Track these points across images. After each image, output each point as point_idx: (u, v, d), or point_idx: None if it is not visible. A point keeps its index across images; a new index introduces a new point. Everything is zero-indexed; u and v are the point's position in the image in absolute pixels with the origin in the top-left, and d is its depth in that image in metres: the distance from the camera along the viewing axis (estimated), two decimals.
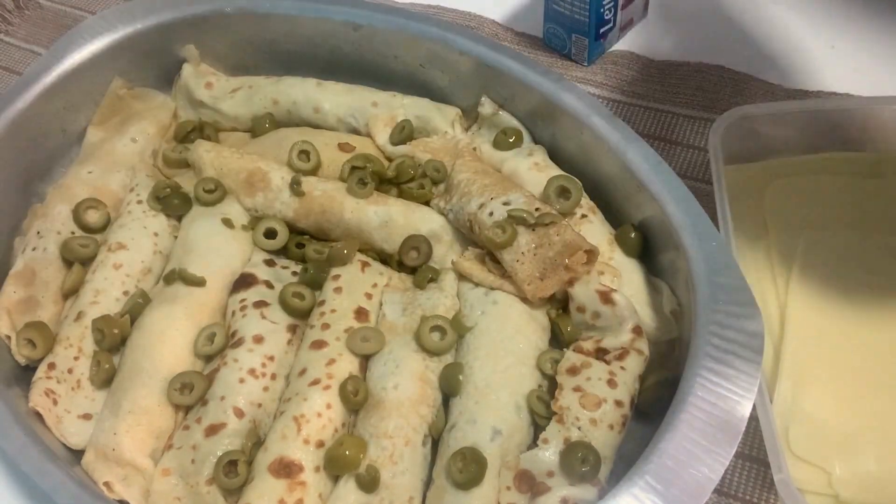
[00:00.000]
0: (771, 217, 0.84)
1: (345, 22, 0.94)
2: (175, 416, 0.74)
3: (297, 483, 0.67)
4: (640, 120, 0.99)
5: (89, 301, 0.80)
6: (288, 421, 0.70)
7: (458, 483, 0.66)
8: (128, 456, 0.70)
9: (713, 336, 0.66)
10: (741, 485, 0.73)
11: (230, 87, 0.98)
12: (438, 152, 0.88)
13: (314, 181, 0.85)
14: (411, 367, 0.73)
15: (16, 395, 0.75)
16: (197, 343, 0.77)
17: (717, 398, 0.63)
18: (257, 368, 0.74)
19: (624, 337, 0.72)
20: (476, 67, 0.89)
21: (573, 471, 0.65)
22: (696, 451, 0.61)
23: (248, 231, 0.85)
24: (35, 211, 0.89)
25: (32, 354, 0.77)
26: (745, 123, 0.84)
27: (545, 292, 0.75)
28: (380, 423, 0.70)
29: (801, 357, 0.74)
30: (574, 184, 0.81)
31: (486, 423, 0.69)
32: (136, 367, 0.74)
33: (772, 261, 0.81)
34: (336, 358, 0.74)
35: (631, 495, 0.59)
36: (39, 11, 1.19)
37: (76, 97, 0.94)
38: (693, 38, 1.07)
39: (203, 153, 0.88)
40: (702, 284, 0.69)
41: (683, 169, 0.94)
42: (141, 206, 0.87)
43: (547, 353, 0.74)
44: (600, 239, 0.79)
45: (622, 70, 1.04)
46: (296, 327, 0.78)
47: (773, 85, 1.00)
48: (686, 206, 0.74)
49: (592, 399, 0.68)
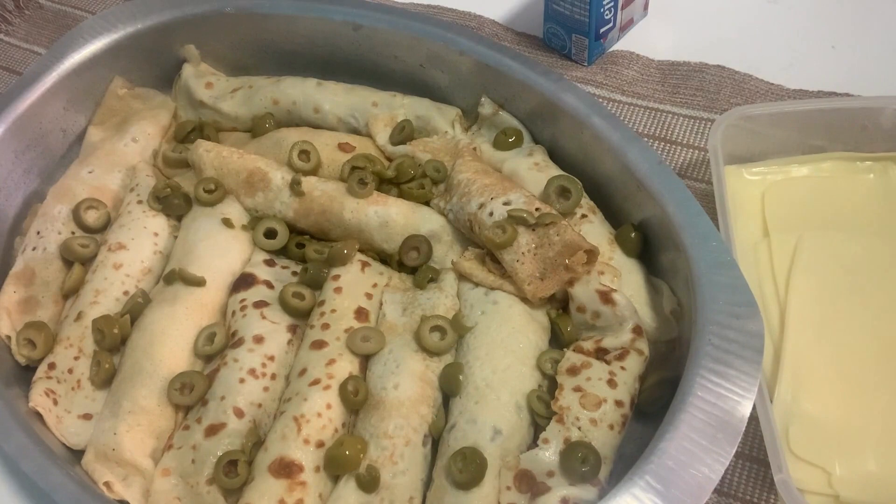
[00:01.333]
0: (771, 217, 0.84)
1: (345, 22, 0.94)
2: (175, 416, 0.74)
3: (297, 483, 0.67)
4: (641, 120, 0.99)
5: (89, 301, 0.80)
6: (288, 421, 0.70)
7: (458, 483, 0.66)
8: (128, 456, 0.70)
9: (713, 336, 0.66)
10: (741, 485, 0.73)
11: (230, 87, 0.98)
12: (438, 152, 0.88)
13: (314, 181, 0.85)
14: (411, 367, 0.73)
15: (16, 395, 0.75)
16: (197, 343, 0.77)
17: (717, 398, 0.63)
18: (257, 368, 0.74)
19: (624, 337, 0.72)
20: (476, 67, 0.89)
21: (573, 471, 0.65)
22: (696, 451, 0.61)
23: (249, 231, 0.85)
24: (35, 211, 0.89)
25: (32, 354, 0.77)
26: (746, 123, 0.84)
27: (545, 292, 0.75)
28: (380, 423, 0.70)
29: (801, 357, 0.74)
30: (574, 184, 0.81)
31: (486, 423, 0.69)
32: (137, 367, 0.74)
33: (772, 261, 0.81)
34: (336, 358, 0.74)
35: (631, 495, 0.59)
36: (40, 11, 1.19)
37: (76, 97, 0.94)
38: (693, 37, 1.07)
39: (203, 153, 0.88)
40: (702, 284, 0.69)
41: (683, 169, 0.94)
42: (141, 206, 0.87)
43: (547, 353, 0.74)
44: (600, 239, 0.79)
45: (622, 70, 1.04)
46: (296, 327, 0.78)
47: (773, 85, 1.00)
48: (686, 206, 0.74)
49: (593, 399, 0.68)
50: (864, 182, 0.86)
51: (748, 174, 0.87)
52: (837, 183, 0.86)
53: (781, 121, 0.84)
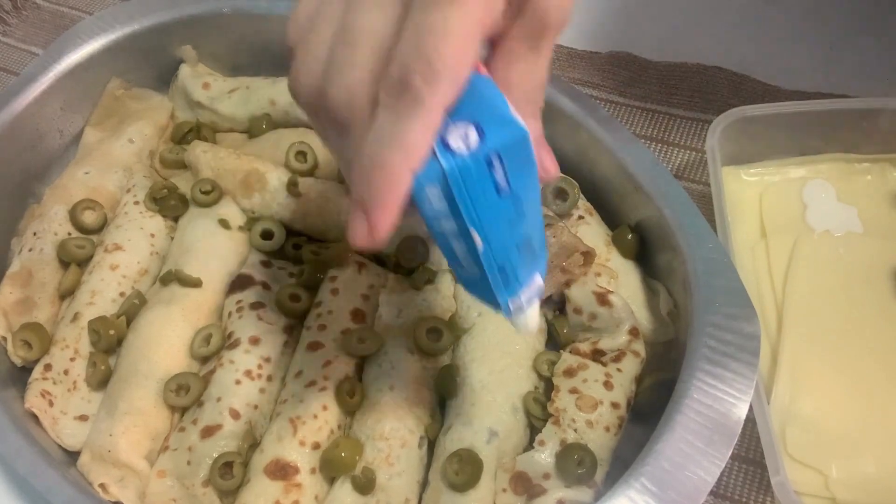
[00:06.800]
0: (768, 219, 0.83)
1: None
2: (171, 418, 0.74)
3: (293, 485, 0.67)
4: (638, 121, 0.99)
5: (86, 302, 0.79)
6: (284, 422, 0.70)
7: (454, 485, 0.66)
8: (124, 457, 0.70)
9: (710, 338, 0.66)
10: (737, 487, 0.73)
11: (227, 87, 0.98)
12: None
13: (311, 182, 0.85)
14: (407, 368, 0.72)
15: (12, 396, 0.75)
16: (193, 344, 0.77)
17: (713, 400, 0.63)
18: (253, 370, 0.74)
19: (621, 338, 0.72)
20: None
21: (569, 473, 0.65)
22: (692, 453, 0.61)
23: (245, 232, 0.85)
24: (32, 211, 0.89)
25: (29, 355, 0.77)
26: (743, 125, 0.83)
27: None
28: (376, 424, 0.70)
29: (798, 359, 0.74)
30: (571, 185, 0.81)
31: (482, 424, 0.69)
32: (133, 368, 0.74)
33: (769, 262, 0.81)
34: (332, 359, 0.73)
35: (626, 498, 0.59)
36: (37, 12, 1.19)
37: (73, 98, 0.94)
38: (691, 38, 1.07)
39: (200, 154, 0.88)
40: (698, 286, 0.69)
41: (681, 170, 0.94)
42: (138, 206, 0.87)
43: (543, 355, 0.74)
44: (597, 240, 0.79)
45: (619, 71, 1.04)
46: (292, 329, 0.78)
47: (771, 86, 0.99)
48: (683, 208, 0.74)
49: (589, 401, 0.68)
50: (861, 183, 0.86)
51: (745, 175, 0.87)
52: (836, 185, 0.86)
53: (779, 122, 0.84)
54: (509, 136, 0.45)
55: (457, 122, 0.45)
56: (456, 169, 0.45)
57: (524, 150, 0.46)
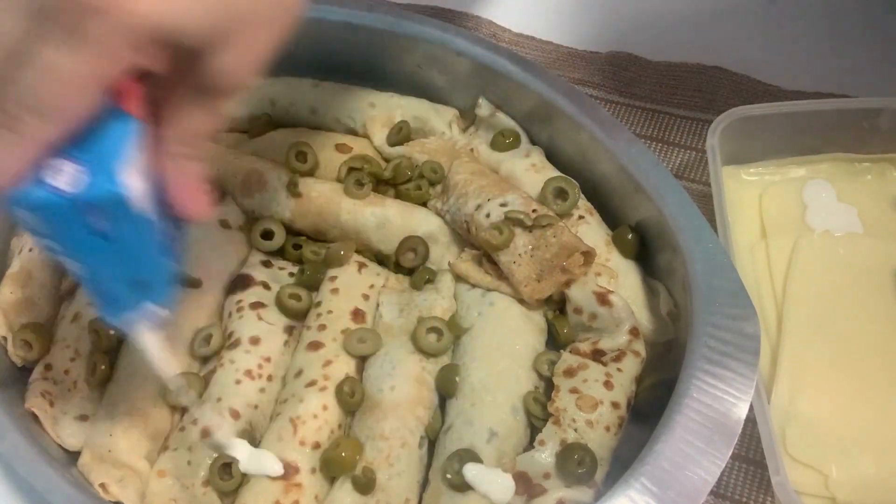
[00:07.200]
0: (768, 219, 0.83)
1: (341, 22, 0.94)
2: (171, 418, 0.74)
3: (293, 485, 0.67)
4: (638, 121, 0.99)
5: (86, 302, 0.79)
6: (284, 422, 0.70)
7: (454, 485, 0.66)
8: (124, 457, 0.70)
9: (710, 338, 0.66)
10: (737, 487, 0.73)
11: None
12: (436, 153, 0.88)
13: (311, 182, 0.85)
14: (408, 368, 0.73)
15: (12, 396, 0.75)
16: (193, 344, 0.77)
17: (713, 400, 0.63)
18: (254, 370, 0.74)
19: (621, 338, 0.72)
20: (473, 68, 0.89)
21: (569, 473, 0.65)
22: (692, 453, 0.61)
23: (245, 232, 0.85)
24: None
25: (29, 355, 0.77)
26: (743, 124, 0.83)
27: (542, 294, 0.75)
28: (376, 424, 0.70)
29: (798, 359, 0.74)
30: (571, 185, 0.81)
31: (482, 424, 0.69)
32: (132, 368, 0.74)
33: (769, 262, 0.81)
34: (332, 359, 0.74)
35: (627, 497, 0.59)
36: None
37: None
38: (691, 38, 1.07)
39: None
40: (698, 286, 0.69)
41: (681, 170, 0.94)
42: None
43: (543, 355, 0.74)
44: (597, 240, 0.79)
45: (619, 71, 1.04)
46: (293, 328, 0.78)
47: (771, 86, 0.99)
48: (683, 208, 0.74)
49: (589, 401, 0.68)
50: (862, 183, 0.86)
51: (746, 175, 0.87)
52: (836, 185, 0.86)
53: (779, 122, 0.84)
54: (107, 194, 0.48)
55: (77, 161, 0.48)
56: (46, 204, 0.48)
57: (122, 208, 0.49)
